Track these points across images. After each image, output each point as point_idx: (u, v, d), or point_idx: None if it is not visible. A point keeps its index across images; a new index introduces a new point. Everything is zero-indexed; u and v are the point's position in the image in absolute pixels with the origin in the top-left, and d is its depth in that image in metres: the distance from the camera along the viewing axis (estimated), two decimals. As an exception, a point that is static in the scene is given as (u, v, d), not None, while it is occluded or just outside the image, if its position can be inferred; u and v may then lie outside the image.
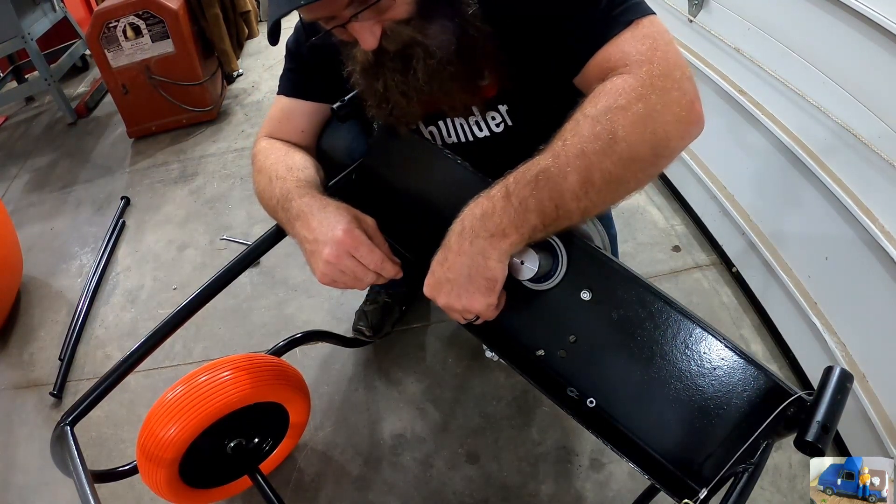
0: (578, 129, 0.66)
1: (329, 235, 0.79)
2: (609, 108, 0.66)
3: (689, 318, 0.69)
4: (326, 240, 0.79)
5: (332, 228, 0.80)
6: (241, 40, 3.15)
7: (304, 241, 0.83)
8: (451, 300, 0.73)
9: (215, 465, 1.16)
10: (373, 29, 0.71)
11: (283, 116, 1.01)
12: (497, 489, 1.20)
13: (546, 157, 0.67)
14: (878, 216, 0.98)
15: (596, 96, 0.68)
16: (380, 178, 0.96)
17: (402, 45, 0.75)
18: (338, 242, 0.79)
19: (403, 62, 0.77)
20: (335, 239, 0.79)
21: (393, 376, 1.45)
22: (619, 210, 1.79)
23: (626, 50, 0.70)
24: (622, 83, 0.67)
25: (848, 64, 1.01)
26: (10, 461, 1.46)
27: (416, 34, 0.74)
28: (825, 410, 0.58)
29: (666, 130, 0.66)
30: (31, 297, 1.96)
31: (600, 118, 0.66)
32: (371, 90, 0.82)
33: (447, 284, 0.72)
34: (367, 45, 0.73)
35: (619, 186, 0.67)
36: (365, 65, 0.79)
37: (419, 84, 0.78)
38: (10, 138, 3.11)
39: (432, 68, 0.76)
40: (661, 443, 0.72)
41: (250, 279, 1.80)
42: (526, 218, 0.66)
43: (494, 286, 0.71)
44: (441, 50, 0.75)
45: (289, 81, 1.01)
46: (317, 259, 0.81)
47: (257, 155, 0.98)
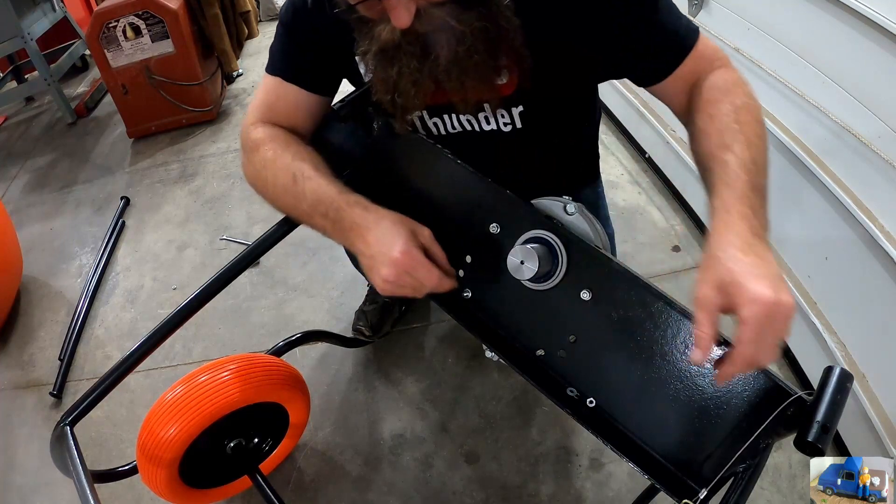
0: (741, 118, 0.72)
1: (387, 256, 0.77)
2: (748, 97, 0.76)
3: (690, 318, 0.69)
4: (385, 260, 0.78)
5: (389, 248, 0.78)
6: (240, 40, 3.15)
7: (362, 254, 0.81)
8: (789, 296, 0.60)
9: (215, 466, 1.16)
10: (408, 6, 0.67)
11: (281, 103, 0.94)
12: (497, 489, 1.20)
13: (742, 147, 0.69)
14: (878, 216, 0.98)
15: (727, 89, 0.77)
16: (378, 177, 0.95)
17: (434, 27, 0.71)
18: (396, 263, 0.77)
19: (424, 46, 0.74)
20: (393, 260, 0.77)
21: (393, 376, 1.45)
22: (619, 210, 1.79)
23: (711, 50, 0.82)
24: (738, 76, 0.80)
25: (848, 64, 1.01)
26: (10, 461, 1.46)
27: (449, 18, 0.71)
28: (825, 410, 0.58)
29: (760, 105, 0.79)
30: (31, 297, 1.96)
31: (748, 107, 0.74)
32: (384, 74, 0.78)
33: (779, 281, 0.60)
34: (401, 23, 0.68)
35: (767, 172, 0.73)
36: (386, 45, 0.74)
37: (438, 70, 0.75)
38: (9, 138, 3.11)
39: (459, 55, 0.73)
40: (661, 443, 0.72)
41: (250, 279, 1.80)
42: (765, 205, 0.68)
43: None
44: (471, 37, 0.73)
45: (285, 62, 0.93)
46: (375, 275, 0.80)
47: (262, 143, 0.91)
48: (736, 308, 0.58)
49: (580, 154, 1.10)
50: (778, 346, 0.59)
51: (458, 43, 0.73)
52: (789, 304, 0.58)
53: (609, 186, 1.87)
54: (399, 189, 0.92)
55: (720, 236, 0.63)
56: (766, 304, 0.56)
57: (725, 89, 0.77)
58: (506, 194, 0.80)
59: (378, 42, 0.74)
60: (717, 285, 0.60)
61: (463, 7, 0.71)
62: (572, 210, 0.77)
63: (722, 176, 0.68)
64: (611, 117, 2.15)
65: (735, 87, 0.77)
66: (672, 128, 1.71)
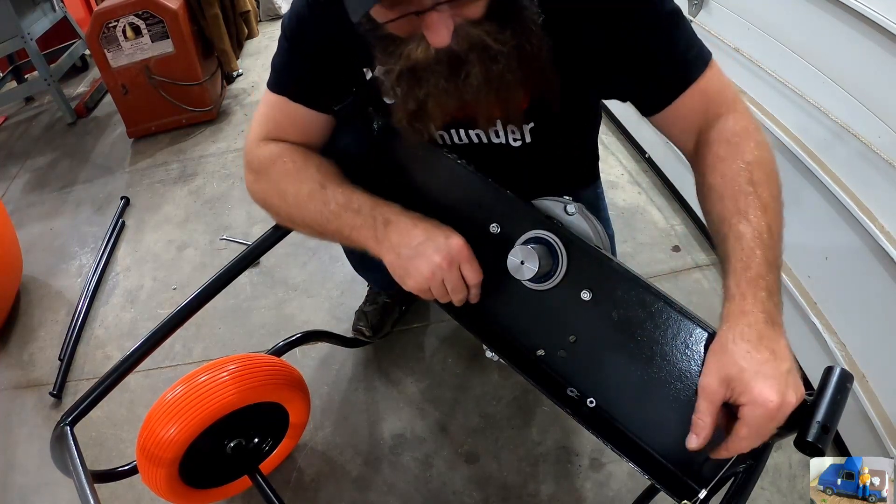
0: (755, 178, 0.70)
1: (443, 242, 0.76)
2: (758, 150, 0.73)
3: (689, 318, 0.69)
4: (440, 245, 0.76)
5: (446, 235, 0.77)
6: (240, 40, 3.15)
7: (402, 245, 0.77)
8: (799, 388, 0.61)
9: (215, 466, 1.16)
10: (448, 23, 0.64)
11: (288, 122, 0.91)
12: (497, 489, 1.20)
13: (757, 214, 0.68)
14: (878, 216, 0.98)
15: (735, 143, 0.74)
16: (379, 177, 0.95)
17: (469, 45, 0.69)
18: (453, 251, 0.76)
19: (453, 66, 0.70)
20: (451, 246, 0.76)
21: (393, 376, 1.45)
22: (619, 210, 1.79)
23: (719, 87, 0.78)
24: (746, 124, 0.76)
25: (848, 64, 1.01)
26: (10, 461, 1.46)
27: (486, 37, 0.68)
28: (825, 411, 0.58)
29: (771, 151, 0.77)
30: (31, 297, 1.96)
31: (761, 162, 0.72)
32: (410, 94, 0.74)
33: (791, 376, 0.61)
34: (440, 41, 0.65)
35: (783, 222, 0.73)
36: (418, 64, 0.70)
37: (468, 90, 0.72)
38: (9, 138, 3.11)
39: (492, 75, 0.71)
40: (662, 443, 0.72)
41: (250, 279, 1.80)
42: (779, 301, 0.66)
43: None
44: (505, 57, 0.71)
45: (290, 80, 0.89)
46: (420, 262, 0.76)
47: (278, 157, 0.88)
48: (738, 404, 0.60)
49: (582, 158, 1.10)
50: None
51: (493, 62, 0.70)
52: (792, 404, 0.59)
53: (609, 186, 1.87)
54: (399, 189, 0.92)
55: (733, 324, 0.62)
56: (769, 410, 0.58)
57: (736, 143, 0.73)
58: (506, 194, 0.80)
59: (408, 61, 0.70)
60: (723, 379, 0.61)
61: (499, 26, 0.69)
62: (572, 210, 0.77)
63: (737, 251, 0.66)
64: (611, 117, 2.15)
65: (746, 139, 0.74)
66: (672, 128, 1.71)
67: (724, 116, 0.76)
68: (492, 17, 0.68)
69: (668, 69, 0.77)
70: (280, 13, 3.65)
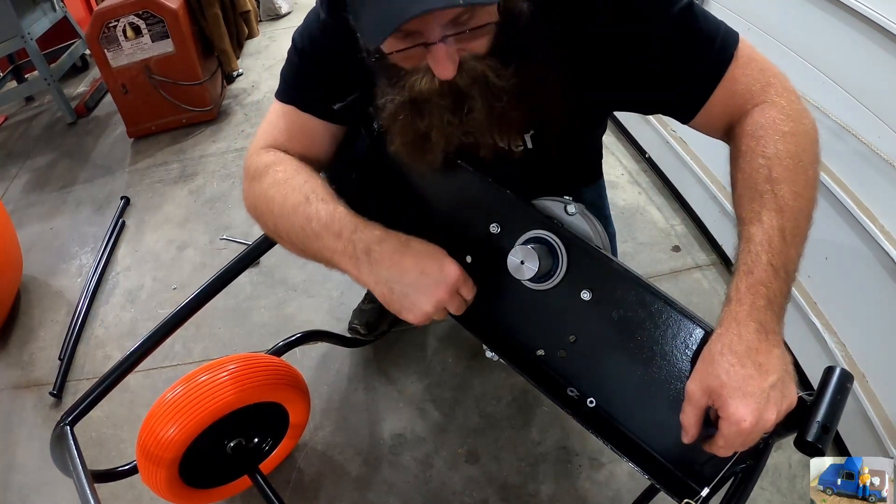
0: (774, 174, 0.66)
1: (440, 274, 0.74)
2: (782, 141, 0.68)
3: (689, 318, 0.69)
4: (438, 279, 0.74)
5: (440, 265, 0.75)
6: (240, 40, 3.14)
7: (391, 281, 0.75)
8: (780, 405, 0.62)
9: (215, 465, 1.16)
10: (454, 56, 0.65)
11: (296, 132, 0.90)
12: (497, 489, 1.20)
13: (771, 215, 0.65)
14: (878, 216, 0.98)
15: (758, 136, 0.69)
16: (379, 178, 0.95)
17: (472, 80, 0.68)
18: (450, 280, 0.74)
19: (457, 100, 0.70)
20: (448, 276, 0.74)
21: (393, 376, 1.45)
22: (619, 210, 1.79)
23: (743, 84, 0.73)
24: (771, 114, 0.70)
25: (848, 64, 1.01)
26: (10, 461, 1.46)
27: (488, 72, 0.68)
28: (825, 410, 0.58)
29: (815, 136, 0.71)
30: (31, 297, 1.96)
31: (783, 154, 0.67)
32: (411, 126, 0.74)
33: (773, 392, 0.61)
34: (445, 73, 0.66)
35: (812, 214, 0.68)
36: (422, 96, 0.70)
37: (474, 125, 0.72)
38: (9, 138, 3.11)
39: (496, 112, 0.71)
40: (662, 443, 0.72)
41: (250, 279, 1.80)
42: (791, 283, 0.65)
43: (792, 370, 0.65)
44: (507, 94, 0.70)
45: (301, 91, 0.89)
46: (419, 299, 0.75)
47: (271, 166, 0.87)
48: (718, 414, 0.62)
49: (586, 157, 1.09)
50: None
51: (495, 98, 0.70)
52: (769, 422, 0.60)
53: (609, 186, 1.86)
54: (400, 189, 0.92)
55: (724, 332, 0.63)
56: (743, 429, 0.59)
57: (759, 136, 0.70)
58: (506, 194, 0.80)
59: (411, 92, 0.70)
60: (706, 389, 0.62)
61: (502, 62, 0.69)
62: (573, 210, 0.77)
63: (744, 257, 0.65)
64: (611, 117, 2.15)
65: (770, 132, 0.69)
66: (672, 128, 1.71)
67: (754, 109, 0.73)
68: (495, 53, 0.68)
69: (687, 81, 0.75)
70: (280, 13, 3.65)
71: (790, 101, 0.71)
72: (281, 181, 0.85)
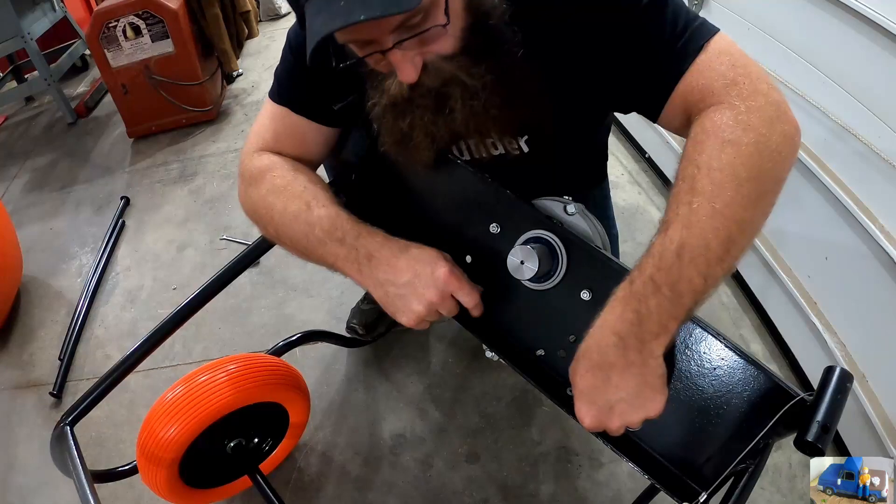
0: (698, 185, 0.61)
1: (430, 277, 0.74)
2: (721, 150, 0.62)
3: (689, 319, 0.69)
4: (428, 282, 0.74)
5: (432, 268, 0.74)
6: (240, 40, 3.14)
7: (389, 283, 0.76)
8: (629, 417, 0.64)
9: (215, 466, 1.16)
10: (414, 60, 0.65)
11: (289, 133, 0.89)
12: (497, 489, 1.20)
13: (677, 229, 0.61)
14: (878, 216, 0.98)
15: (698, 141, 0.64)
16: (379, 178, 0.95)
17: (443, 81, 0.69)
18: (440, 283, 0.74)
19: (438, 101, 0.71)
20: (438, 279, 0.74)
21: (393, 376, 1.45)
22: (618, 210, 1.79)
23: (706, 78, 0.67)
24: (720, 118, 0.63)
25: (848, 64, 1.01)
26: (10, 461, 1.46)
27: (459, 72, 0.68)
28: (825, 410, 0.58)
29: (779, 151, 0.64)
30: (31, 297, 1.96)
31: (716, 165, 0.61)
32: (395, 127, 0.75)
33: (620, 405, 0.64)
34: (407, 78, 0.66)
35: (754, 228, 0.64)
36: (396, 99, 0.72)
37: (456, 125, 0.73)
38: (9, 138, 3.11)
39: (475, 110, 0.71)
40: (662, 443, 0.72)
41: (250, 279, 1.80)
42: (681, 303, 0.61)
43: (665, 380, 0.64)
44: (485, 91, 0.70)
45: (294, 91, 0.88)
46: (411, 301, 0.75)
47: (268, 170, 0.86)
48: None
49: (589, 159, 1.09)
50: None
51: (472, 97, 0.70)
52: (615, 430, 0.66)
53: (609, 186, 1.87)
54: (400, 189, 0.92)
55: (590, 335, 0.66)
56: (588, 428, 0.66)
57: (700, 140, 0.64)
58: (506, 194, 0.80)
59: (388, 95, 0.72)
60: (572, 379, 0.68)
61: (473, 60, 0.69)
62: (573, 210, 0.77)
63: (638, 261, 0.64)
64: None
65: (710, 137, 0.63)
66: (672, 128, 1.71)
67: (709, 109, 0.66)
68: (467, 52, 0.68)
69: (652, 72, 0.71)
70: (280, 13, 3.65)
71: (753, 108, 0.64)
72: (280, 187, 0.84)
